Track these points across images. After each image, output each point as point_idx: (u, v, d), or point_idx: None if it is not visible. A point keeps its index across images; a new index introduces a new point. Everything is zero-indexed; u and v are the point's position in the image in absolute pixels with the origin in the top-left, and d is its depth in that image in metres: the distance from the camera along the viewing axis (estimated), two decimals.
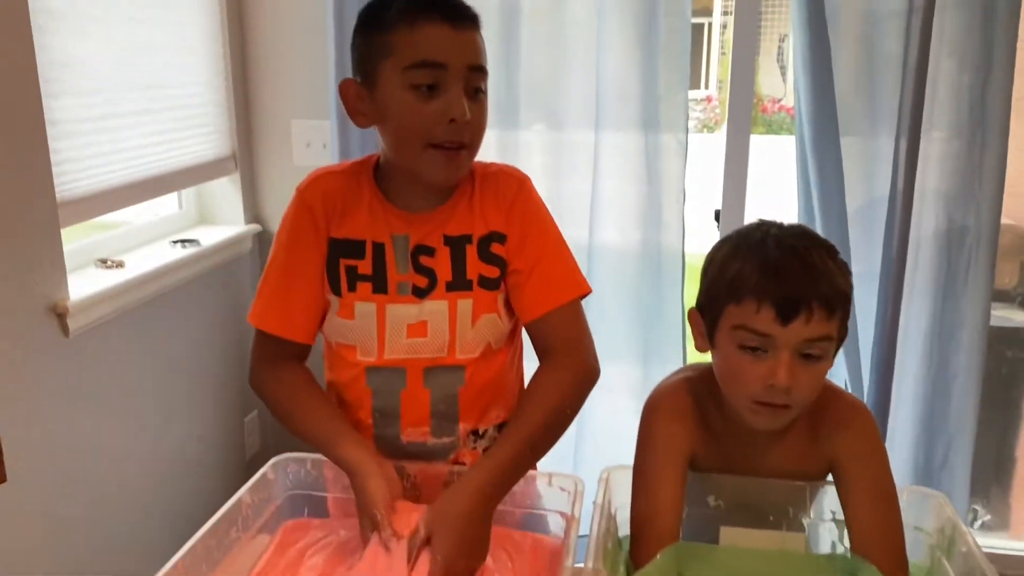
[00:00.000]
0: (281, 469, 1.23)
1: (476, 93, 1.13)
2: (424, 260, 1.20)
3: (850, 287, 1.07)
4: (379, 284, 1.20)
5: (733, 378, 1.08)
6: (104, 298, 1.83)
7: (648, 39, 2.14)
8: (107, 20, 1.89)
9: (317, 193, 1.22)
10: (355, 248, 1.20)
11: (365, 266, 1.20)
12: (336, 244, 1.21)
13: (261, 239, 2.47)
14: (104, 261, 1.98)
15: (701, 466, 1.16)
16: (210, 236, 2.29)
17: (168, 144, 2.12)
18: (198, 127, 2.25)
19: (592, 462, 2.33)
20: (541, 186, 1.27)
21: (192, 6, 2.19)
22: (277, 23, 2.36)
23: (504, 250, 1.21)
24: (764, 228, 1.09)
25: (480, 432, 1.27)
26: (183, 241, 2.21)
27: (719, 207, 2.31)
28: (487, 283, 1.21)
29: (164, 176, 2.12)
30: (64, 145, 1.76)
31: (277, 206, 2.46)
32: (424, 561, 1.01)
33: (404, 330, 1.20)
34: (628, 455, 1.19)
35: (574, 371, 1.20)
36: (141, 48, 2.00)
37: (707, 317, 1.10)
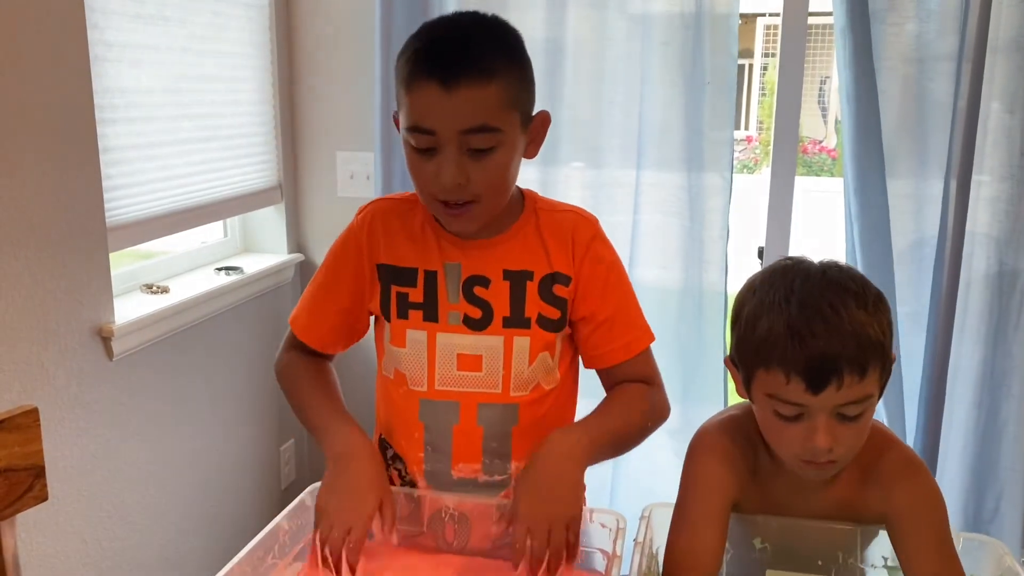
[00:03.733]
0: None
1: (479, 152, 1.07)
2: (479, 291, 1.18)
3: (886, 327, 1.01)
4: (430, 312, 1.19)
5: (774, 440, 1.06)
6: (148, 323, 1.85)
7: (693, 77, 2.14)
8: (160, 51, 1.93)
9: (371, 217, 1.22)
10: (406, 275, 1.20)
11: (416, 294, 1.19)
12: (386, 270, 1.20)
13: (303, 268, 2.49)
14: (150, 286, 2.01)
15: (745, 509, 1.12)
16: (253, 264, 2.32)
17: (215, 173, 2.16)
18: (245, 157, 2.28)
19: (628, 500, 2.30)
20: None
21: (242, 39, 2.24)
22: (324, 56, 2.40)
23: (568, 292, 1.18)
24: (790, 278, 1.02)
25: None
26: (227, 268, 2.23)
27: (762, 244, 2.29)
28: (546, 323, 1.18)
29: (211, 204, 2.15)
30: (115, 171, 1.79)
31: (320, 236, 2.48)
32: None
33: (455, 360, 1.19)
34: (664, 494, 1.16)
35: (657, 394, 1.24)
36: (192, 79, 2.05)
37: (741, 372, 1.07)
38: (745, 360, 1.05)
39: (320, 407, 1.21)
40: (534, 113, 1.15)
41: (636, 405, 1.21)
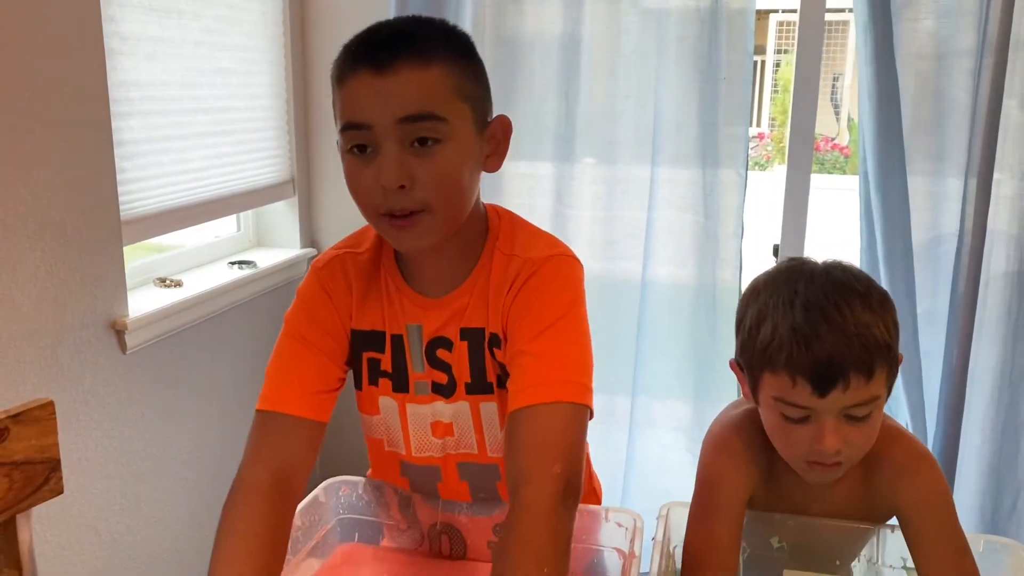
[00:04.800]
0: (333, 492, 1.22)
1: (424, 143, 0.93)
2: (441, 354, 1.07)
3: (892, 327, 1.00)
4: (399, 382, 1.09)
5: (780, 443, 1.05)
6: (162, 316, 1.85)
7: (709, 72, 2.13)
8: (175, 44, 1.93)
9: (336, 276, 1.09)
10: (375, 340, 1.09)
11: (386, 362, 1.09)
12: (357, 336, 1.09)
13: None
14: (163, 280, 2.01)
15: (758, 505, 1.12)
16: (266, 259, 2.32)
17: (229, 167, 2.15)
18: (258, 151, 2.28)
19: (641, 499, 2.29)
20: (596, 217, 1.13)
21: (256, 33, 2.23)
22: (338, 50, 2.39)
23: (501, 355, 1.04)
24: (794, 280, 1.01)
25: None
26: (240, 263, 2.23)
27: (776, 242, 2.28)
28: (504, 384, 1.05)
29: (224, 198, 2.15)
30: (129, 165, 1.79)
31: (333, 230, 2.48)
32: None
33: (429, 429, 1.11)
34: (677, 491, 1.16)
35: (544, 523, 0.88)
36: (206, 72, 2.04)
37: (746, 375, 1.06)
38: (750, 364, 1.04)
39: None
40: (491, 118, 1.02)
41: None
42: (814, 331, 0.96)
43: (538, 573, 0.85)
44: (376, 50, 0.94)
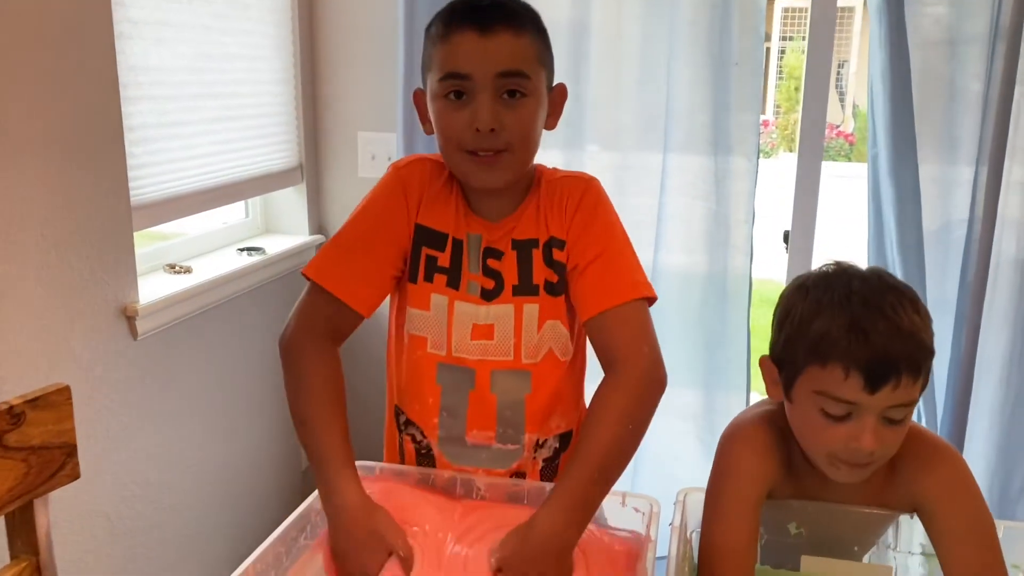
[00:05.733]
0: None
1: (513, 95, 1.11)
2: (492, 263, 1.20)
3: (931, 335, 1.02)
4: (453, 279, 1.20)
5: (813, 436, 1.04)
6: (172, 302, 1.85)
7: (720, 58, 2.12)
8: (183, 28, 1.92)
9: (415, 175, 1.22)
10: (438, 239, 1.21)
11: (444, 259, 1.20)
12: (422, 231, 1.21)
13: None
14: (173, 266, 2.00)
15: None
16: (275, 245, 2.31)
17: (238, 153, 2.15)
18: (267, 137, 2.27)
19: (651, 484, 2.29)
20: None
21: (264, 18, 2.22)
22: (346, 36, 2.38)
23: (563, 255, 1.19)
24: (846, 279, 1.03)
25: (541, 442, 1.25)
26: (249, 249, 2.23)
27: (787, 228, 2.27)
28: (552, 288, 1.20)
29: (233, 184, 2.15)
30: (139, 150, 1.79)
31: (341, 216, 2.46)
32: None
33: (470, 329, 1.20)
34: (687, 477, 1.17)
35: (635, 385, 1.10)
36: (215, 57, 2.03)
37: (784, 371, 1.06)
38: (795, 358, 1.03)
39: (327, 444, 1.11)
40: (554, 85, 1.19)
41: (609, 429, 1.08)
42: (873, 325, 0.97)
43: (624, 427, 1.07)
44: (480, 14, 1.10)
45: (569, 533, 1.03)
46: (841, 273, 1.05)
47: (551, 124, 1.20)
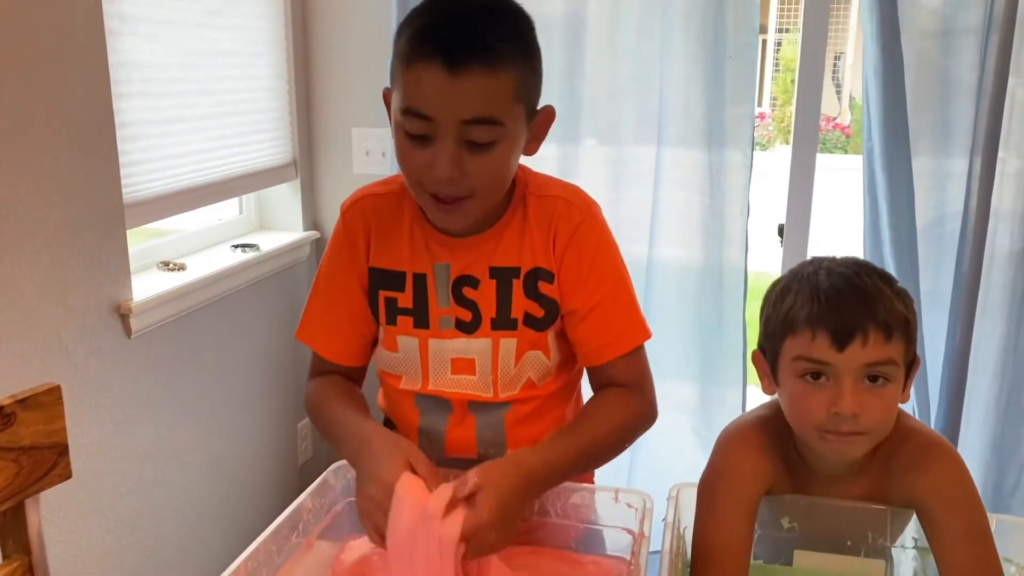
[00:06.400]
0: (341, 475, 1.21)
1: (478, 146, 0.98)
2: (467, 292, 1.12)
3: (911, 312, 1.03)
4: (420, 319, 1.14)
5: (799, 410, 1.04)
6: (166, 300, 1.84)
7: (714, 51, 2.11)
8: (175, 25, 1.91)
9: (358, 216, 1.15)
10: (395, 279, 1.14)
11: (406, 299, 1.14)
12: (376, 274, 1.15)
13: (319, 245, 2.48)
14: (166, 263, 2.00)
15: None
16: (269, 241, 2.31)
17: (231, 149, 2.14)
18: (260, 133, 2.26)
19: (646, 479, 2.29)
20: (602, 199, 1.18)
21: (257, 14, 2.21)
22: (340, 32, 2.38)
23: (554, 290, 1.12)
24: (817, 263, 1.07)
25: None
26: (243, 246, 2.22)
27: (782, 222, 2.27)
28: (533, 322, 1.13)
29: (227, 181, 2.14)
30: (131, 147, 1.78)
31: (335, 213, 2.45)
32: (459, 512, 0.93)
33: (448, 364, 1.15)
34: (683, 473, 1.17)
35: (638, 403, 1.15)
36: (207, 53, 2.03)
37: (768, 356, 1.08)
38: (773, 337, 1.05)
39: (350, 423, 1.10)
40: (539, 107, 1.07)
41: (610, 420, 1.11)
42: (835, 291, 1.00)
43: (617, 436, 1.10)
44: (449, 45, 0.95)
45: (542, 482, 1.02)
46: (815, 260, 1.08)
47: (531, 150, 1.09)
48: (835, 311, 0.99)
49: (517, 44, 1.01)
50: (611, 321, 1.12)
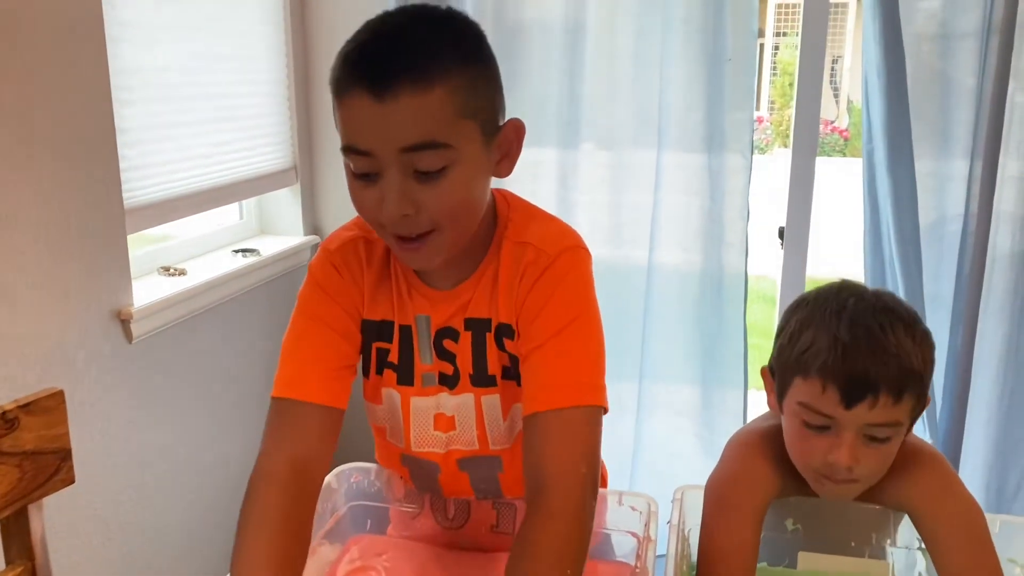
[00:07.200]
0: (345, 479, 1.21)
1: (427, 176, 0.88)
2: (448, 344, 1.04)
3: (929, 363, 1.02)
4: (405, 375, 1.07)
5: (797, 449, 1.05)
6: (167, 305, 1.84)
7: (714, 55, 2.12)
8: (175, 30, 1.91)
9: (350, 262, 1.05)
10: (385, 330, 1.06)
11: (393, 353, 1.07)
12: (369, 326, 1.06)
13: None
14: (167, 269, 2.00)
15: None
16: (270, 246, 2.31)
17: (231, 154, 2.14)
18: (261, 138, 2.26)
19: (648, 482, 2.29)
20: (601, 203, 1.11)
21: (257, 18, 2.21)
22: (339, 37, 2.34)
23: (514, 346, 1.02)
24: (843, 297, 1.03)
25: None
26: (243, 251, 2.22)
27: (781, 225, 2.27)
28: (511, 375, 1.04)
29: (227, 186, 2.14)
30: (132, 152, 1.78)
31: (336, 218, 2.47)
32: None
33: (431, 422, 1.09)
34: (685, 475, 1.16)
35: (567, 523, 0.89)
36: (207, 58, 2.03)
37: (777, 382, 1.07)
38: (783, 368, 1.05)
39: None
40: (502, 122, 0.96)
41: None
42: (854, 343, 0.98)
43: (562, 573, 0.85)
44: (374, 70, 0.87)
45: None
46: (841, 290, 1.05)
47: (504, 170, 0.97)
48: (850, 366, 0.97)
49: (454, 56, 0.89)
50: (556, 366, 0.95)
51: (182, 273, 2.00)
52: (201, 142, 2.02)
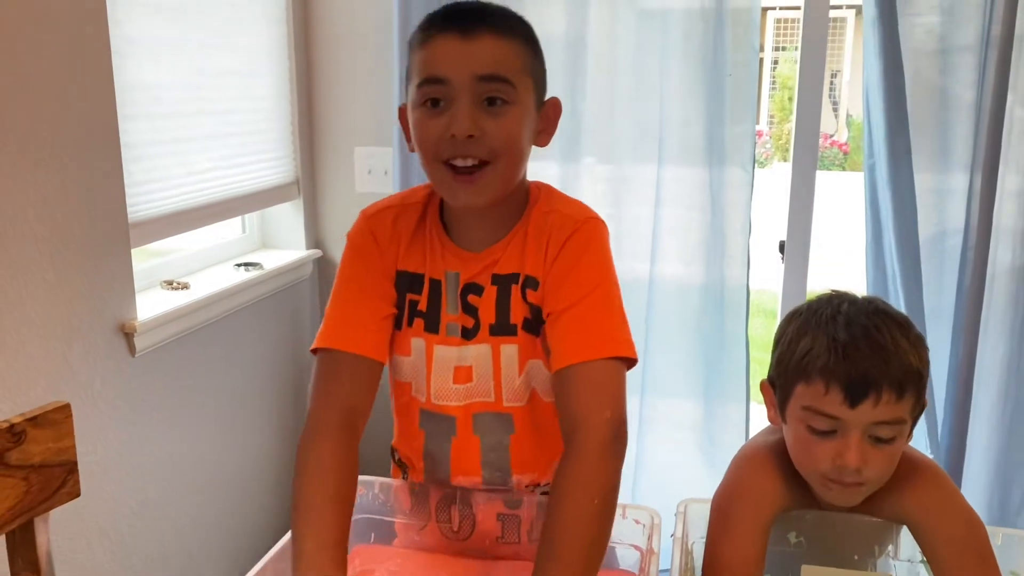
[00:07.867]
0: None
1: (493, 103, 1.03)
2: (472, 299, 1.13)
3: (924, 363, 1.03)
4: (431, 323, 1.15)
5: (804, 455, 1.06)
6: (170, 319, 1.85)
7: (714, 69, 2.13)
8: (179, 46, 1.93)
9: (387, 221, 1.16)
10: (417, 281, 1.15)
11: (422, 302, 1.15)
12: (403, 277, 1.16)
13: (321, 264, 2.49)
14: (170, 282, 2.01)
15: None
16: (272, 260, 2.31)
17: (234, 169, 2.15)
18: (263, 152, 2.28)
19: (651, 494, 2.29)
20: (603, 216, 1.15)
21: (260, 32, 2.23)
22: (342, 51, 2.39)
23: (537, 296, 1.11)
24: (836, 303, 1.06)
25: (532, 488, 1.22)
26: (246, 264, 2.23)
27: (781, 238, 2.28)
28: (531, 327, 1.12)
29: (230, 200, 2.15)
30: (136, 168, 1.79)
31: (338, 232, 2.48)
32: None
33: (451, 373, 1.15)
34: (687, 488, 1.17)
35: (596, 458, 0.99)
36: (210, 74, 2.04)
37: (778, 392, 1.08)
38: (785, 376, 1.06)
39: (304, 551, 0.98)
40: (546, 99, 1.13)
41: (584, 525, 0.96)
42: (854, 344, 1.00)
43: (590, 504, 0.96)
44: (462, 17, 1.04)
45: None
46: (833, 297, 1.08)
47: (543, 141, 1.12)
48: (851, 365, 0.99)
49: (525, 30, 1.09)
50: (584, 325, 1.05)
51: (185, 287, 2.00)
52: (204, 157, 2.03)
